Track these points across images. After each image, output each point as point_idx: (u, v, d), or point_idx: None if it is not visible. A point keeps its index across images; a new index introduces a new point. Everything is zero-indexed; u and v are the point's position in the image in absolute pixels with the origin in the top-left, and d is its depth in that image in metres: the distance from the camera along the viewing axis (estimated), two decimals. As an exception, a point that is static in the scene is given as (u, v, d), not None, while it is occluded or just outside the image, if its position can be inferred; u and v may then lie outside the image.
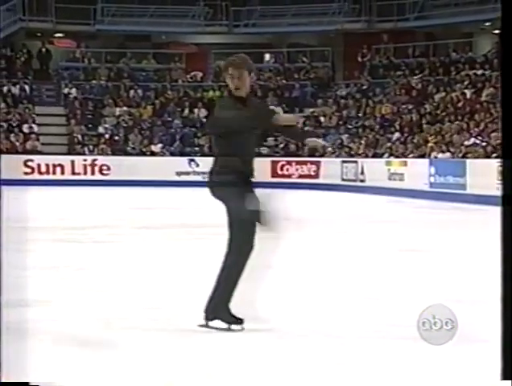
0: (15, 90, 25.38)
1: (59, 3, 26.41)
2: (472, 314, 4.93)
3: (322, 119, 24.88)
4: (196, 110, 25.62)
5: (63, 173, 22.90)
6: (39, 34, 27.44)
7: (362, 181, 20.67)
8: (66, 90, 25.93)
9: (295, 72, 26.92)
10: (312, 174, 22.57)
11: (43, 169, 22.79)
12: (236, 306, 4.59)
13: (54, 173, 22.87)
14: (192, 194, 19.22)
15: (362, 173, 20.72)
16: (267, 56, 28.09)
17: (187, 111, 25.67)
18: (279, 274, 7.06)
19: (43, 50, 26.90)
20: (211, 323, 4.58)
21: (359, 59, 26.22)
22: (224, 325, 4.56)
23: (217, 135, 4.67)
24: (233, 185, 4.55)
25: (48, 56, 26.99)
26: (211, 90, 26.33)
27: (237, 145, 4.59)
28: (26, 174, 22.47)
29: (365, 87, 25.25)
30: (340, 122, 24.47)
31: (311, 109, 25.46)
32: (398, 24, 26.10)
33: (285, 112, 25.82)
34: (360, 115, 24.31)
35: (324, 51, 27.67)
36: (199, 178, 22.94)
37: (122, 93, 26.10)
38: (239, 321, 4.56)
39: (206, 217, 12.14)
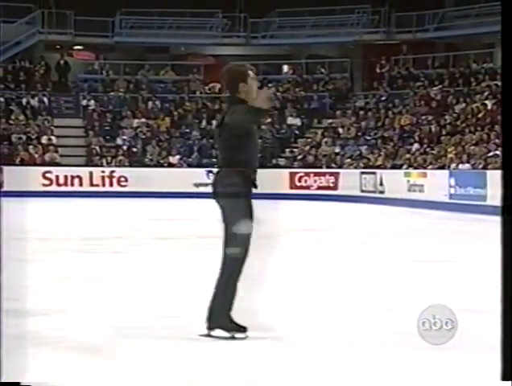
0: (34, 102, 25.52)
1: (78, 16, 26.56)
2: (487, 324, 4.84)
3: (340, 130, 24.79)
4: (213, 122, 25.62)
5: (81, 184, 22.95)
6: (57, 47, 27.61)
7: (381, 192, 20.53)
8: (84, 102, 26.03)
9: (313, 84, 26.87)
10: (331, 185, 22.45)
11: (62, 180, 22.84)
12: (250, 315, 4.57)
13: (72, 184, 22.92)
14: (210, 205, 19.23)
15: (381, 184, 20.58)
16: (285, 68, 28.06)
17: (205, 122, 25.68)
18: (298, 283, 6.96)
19: (62, 62, 27.04)
20: (213, 333, 4.50)
21: (378, 70, 26.13)
22: (226, 334, 4.48)
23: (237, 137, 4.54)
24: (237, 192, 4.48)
25: (67, 68, 27.13)
26: (229, 101, 26.32)
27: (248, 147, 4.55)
28: (44, 185, 22.53)
29: (383, 98, 25.15)
30: (359, 133, 24.37)
31: (330, 120, 25.38)
32: (417, 35, 26.00)
33: (303, 123, 25.81)
34: (379, 126, 24.19)
35: (342, 63, 27.61)
36: (217, 189, 22.93)
37: (140, 105, 26.16)
38: (242, 329, 4.47)
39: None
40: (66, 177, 22.87)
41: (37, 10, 26.68)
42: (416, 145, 21.95)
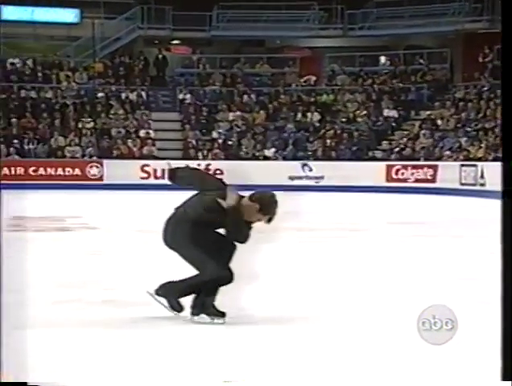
0: (133, 96, 26.02)
1: (175, 11, 26.92)
2: None
3: (439, 122, 24.19)
4: (309, 114, 25.48)
5: (178, 177, 23.21)
6: (156, 42, 28.10)
7: (482, 185, 19.95)
8: (181, 96, 26.35)
9: (411, 75, 26.32)
10: (429, 178, 21.95)
11: (159, 173, 23.20)
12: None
13: (169, 177, 23.20)
14: (306, 198, 19.10)
15: (482, 177, 20.00)
16: (383, 59, 27.59)
17: (300, 115, 25.56)
18: (393, 274, 6.79)
19: (160, 57, 27.48)
20: (196, 318, 4.96)
21: (480, 59, 25.34)
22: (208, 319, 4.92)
23: None
24: None
25: (165, 63, 27.55)
26: (324, 94, 26.11)
27: None
28: (142, 178, 22.96)
29: (485, 88, 24.38)
30: (459, 125, 23.71)
31: (428, 112, 24.81)
32: (522, 22, 25.02)
33: (400, 115, 25.34)
34: (480, 117, 23.47)
35: (441, 53, 26.92)
36: (312, 182, 22.80)
37: (236, 98, 26.28)
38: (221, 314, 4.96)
39: (318, 221, 11.95)
40: (163, 170, 23.20)
41: (137, 6, 27.22)
42: (520, 137, 21.16)
